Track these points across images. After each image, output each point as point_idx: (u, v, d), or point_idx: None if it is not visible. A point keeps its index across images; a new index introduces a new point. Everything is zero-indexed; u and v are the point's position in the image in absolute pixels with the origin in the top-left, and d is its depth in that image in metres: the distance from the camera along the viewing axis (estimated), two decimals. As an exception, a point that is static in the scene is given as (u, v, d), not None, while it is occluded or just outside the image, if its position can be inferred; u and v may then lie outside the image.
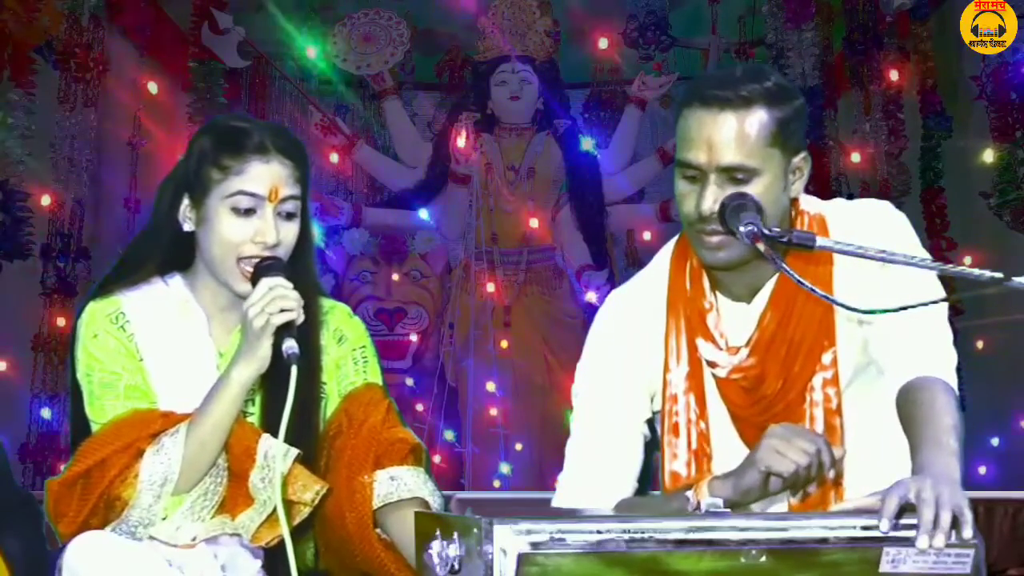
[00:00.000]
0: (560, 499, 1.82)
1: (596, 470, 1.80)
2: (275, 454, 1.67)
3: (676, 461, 1.77)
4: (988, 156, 4.84)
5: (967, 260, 4.56)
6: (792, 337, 1.72)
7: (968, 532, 1.28)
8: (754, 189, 1.65)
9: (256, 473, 1.69)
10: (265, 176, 1.74)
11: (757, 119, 1.64)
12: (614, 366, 1.81)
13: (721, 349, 1.75)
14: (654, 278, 1.86)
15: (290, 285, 1.70)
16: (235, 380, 1.69)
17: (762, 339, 1.73)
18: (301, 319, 1.70)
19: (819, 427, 1.71)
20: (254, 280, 1.71)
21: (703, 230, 1.67)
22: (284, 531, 1.60)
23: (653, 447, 1.85)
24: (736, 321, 1.77)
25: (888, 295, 1.65)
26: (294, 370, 1.64)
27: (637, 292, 1.87)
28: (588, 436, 1.82)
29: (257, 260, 1.73)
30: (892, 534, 1.27)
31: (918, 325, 1.66)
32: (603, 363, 1.83)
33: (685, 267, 1.81)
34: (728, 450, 1.76)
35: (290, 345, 1.66)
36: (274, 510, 1.66)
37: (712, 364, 1.77)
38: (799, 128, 1.71)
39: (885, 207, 1.80)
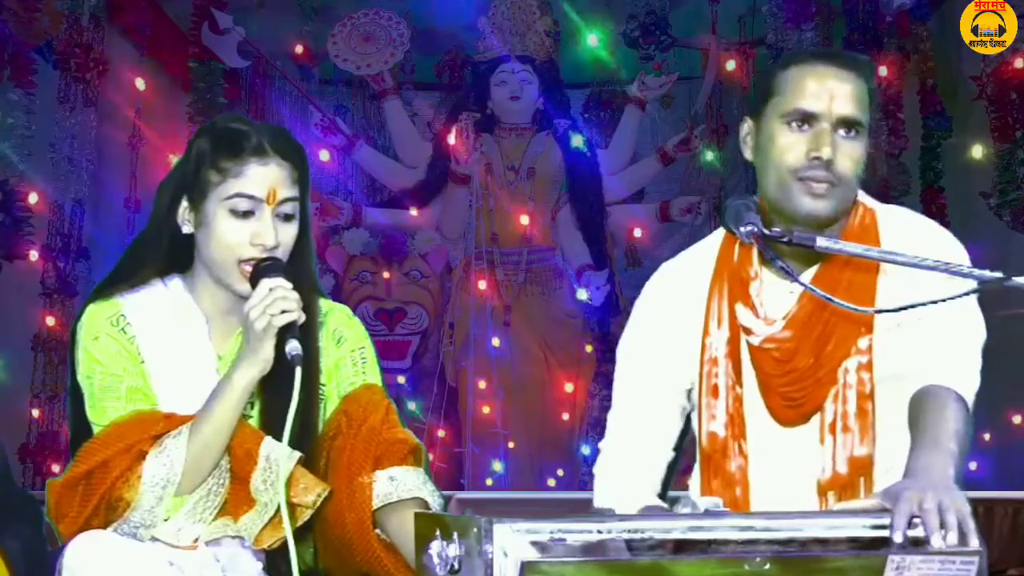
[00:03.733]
0: (601, 467, 1.85)
1: (635, 439, 1.83)
2: (277, 457, 1.67)
3: (715, 422, 1.80)
4: (977, 152, 4.84)
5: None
6: (829, 319, 1.74)
7: (974, 542, 1.29)
8: (859, 147, 1.72)
9: (258, 476, 1.68)
10: (263, 178, 1.73)
11: (864, 83, 1.74)
12: (657, 335, 1.85)
13: (759, 317, 1.77)
14: (705, 251, 1.89)
15: (290, 286, 1.70)
16: (237, 382, 1.69)
17: (800, 315, 1.75)
18: (302, 320, 1.70)
19: (851, 409, 1.72)
20: (253, 281, 1.71)
21: (814, 177, 1.69)
22: (287, 534, 1.60)
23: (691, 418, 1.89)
24: (778, 295, 1.78)
25: (927, 313, 1.66)
26: (298, 371, 1.65)
27: (685, 264, 1.91)
28: (628, 404, 1.85)
29: (256, 261, 1.73)
30: (897, 541, 1.27)
31: (948, 341, 1.68)
32: (646, 331, 1.87)
33: (735, 244, 1.83)
34: (757, 419, 1.78)
35: (293, 346, 1.66)
36: (276, 513, 1.66)
37: (747, 330, 1.79)
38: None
39: (947, 233, 1.82)
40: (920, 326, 1.68)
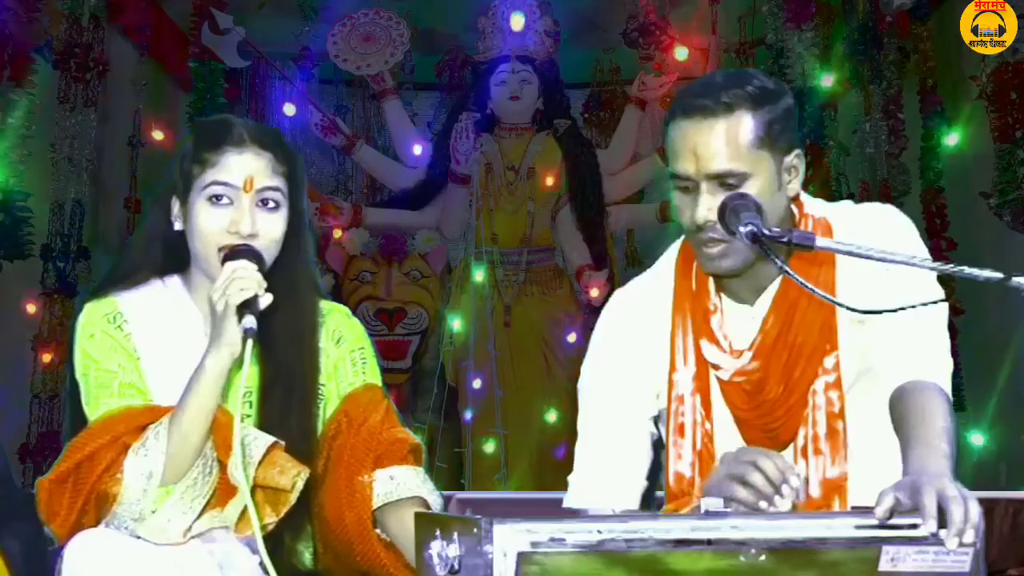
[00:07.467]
0: (571, 499, 1.83)
1: (606, 469, 1.81)
2: (249, 441, 1.66)
3: (680, 462, 1.78)
4: (977, 152, 4.86)
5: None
6: (794, 341, 1.73)
7: (978, 540, 1.28)
8: (749, 190, 1.65)
9: (232, 461, 1.68)
10: (239, 166, 1.75)
11: (741, 124, 1.65)
12: (619, 364, 1.82)
13: (725, 352, 1.76)
14: (659, 278, 1.87)
15: (253, 267, 1.69)
16: (209, 368, 1.67)
17: (765, 343, 1.74)
18: (267, 299, 1.67)
19: (821, 431, 1.71)
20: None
21: (702, 240, 1.69)
22: (253, 517, 1.58)
23: (661, 445, 1.86)
24: (740, 323, 1.77)
25: (890, 298, 1.64)
26: (249, 344, 1.63)
27: (642, 291, 1.88)
28: (596, 436, 1.83)
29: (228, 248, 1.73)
30: (891, 534, 1.27)
31: (916, 330, 1.66)
32: (608, 361, 1.84)
33: (691, 268, 1.82)
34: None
35: (248, 321, 1.64)
36: (256, 498, 1.65)
37: (715, 367, 1.78)
38: (787, 127, 1.70)
39: (890, 210, 1.80)
40: (885, 317, 1.64)
